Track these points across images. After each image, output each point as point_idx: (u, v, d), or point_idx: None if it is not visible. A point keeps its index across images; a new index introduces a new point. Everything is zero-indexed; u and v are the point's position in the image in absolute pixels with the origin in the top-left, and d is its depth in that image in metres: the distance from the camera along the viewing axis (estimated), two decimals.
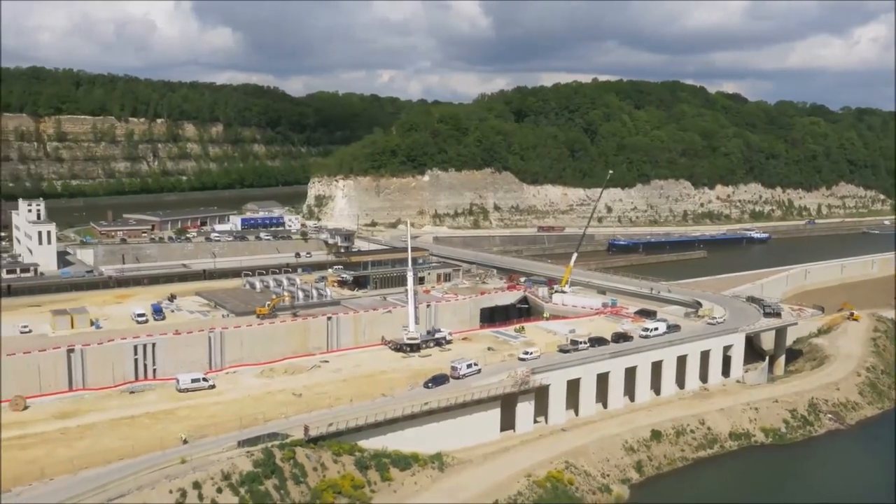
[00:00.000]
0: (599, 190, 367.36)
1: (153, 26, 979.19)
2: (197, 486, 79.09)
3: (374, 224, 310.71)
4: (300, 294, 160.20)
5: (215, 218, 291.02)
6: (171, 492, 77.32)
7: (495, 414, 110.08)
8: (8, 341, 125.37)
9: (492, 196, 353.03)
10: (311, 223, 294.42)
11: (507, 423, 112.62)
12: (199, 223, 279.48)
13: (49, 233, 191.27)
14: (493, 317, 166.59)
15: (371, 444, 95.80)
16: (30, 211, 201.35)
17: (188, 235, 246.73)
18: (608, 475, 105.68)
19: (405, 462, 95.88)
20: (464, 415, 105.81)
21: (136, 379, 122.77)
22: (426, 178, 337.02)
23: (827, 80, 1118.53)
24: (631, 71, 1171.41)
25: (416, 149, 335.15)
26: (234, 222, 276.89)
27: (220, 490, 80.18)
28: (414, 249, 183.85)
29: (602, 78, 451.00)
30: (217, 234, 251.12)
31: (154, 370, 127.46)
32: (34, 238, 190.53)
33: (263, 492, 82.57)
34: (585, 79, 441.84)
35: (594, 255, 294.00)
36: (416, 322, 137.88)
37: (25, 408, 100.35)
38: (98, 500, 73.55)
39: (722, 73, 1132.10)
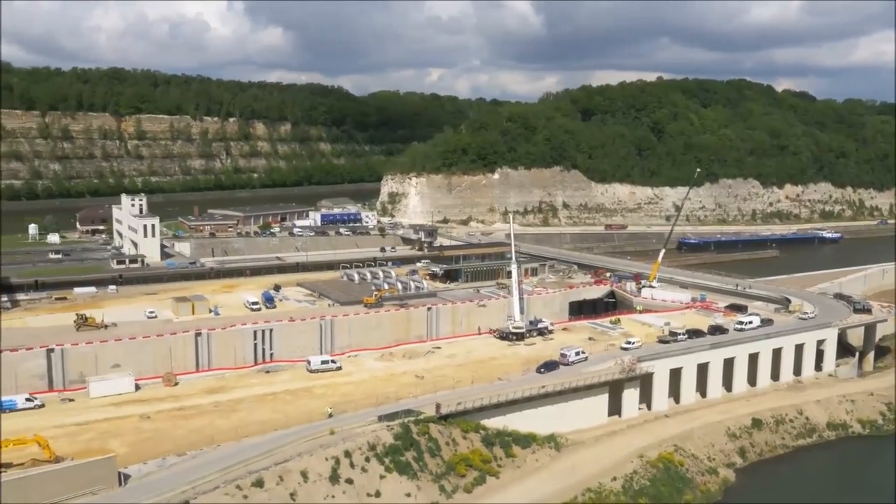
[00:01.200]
0: (668, 188, 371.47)
1: (206, 26, 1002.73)
2: (348, 454, 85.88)
3: (445, 221, 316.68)
4: (399, 286, 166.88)
5: (294, 214, 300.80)
6: (326, 459, 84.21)
7: (603, 399, 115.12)
8: (139, 325, 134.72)
9: (560, 194, 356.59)
10: (385, 219, 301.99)
11: (613, 408, 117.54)
12: (279, 219, 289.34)
13: (153, 226, 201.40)
14: (581, 310, 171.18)
15: (493, 423, 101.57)
16: (133, 205, 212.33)
17: (272, 230, 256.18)
18: (714, 459, 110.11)
19: (525, 441, 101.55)
20: (575, 399, 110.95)
21: (256, 362, 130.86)
22: (496, 176, 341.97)
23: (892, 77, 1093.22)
24: (684, 68, 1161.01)
25: (486, 147, 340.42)
26: (314, 218, 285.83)
27: (367, 459, 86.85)
28: (503, 245, 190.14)
29: (655, 76, 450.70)
30: (300, 230, 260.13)
31: (271, 354, 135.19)
32: (139, 231, 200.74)
33: (405, 462, 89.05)
34: (632, 76, 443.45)
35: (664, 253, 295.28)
36: (522, 312, 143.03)
37: (176, 384, 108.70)
38: (265, 463, 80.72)
39: (781, 71, 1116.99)
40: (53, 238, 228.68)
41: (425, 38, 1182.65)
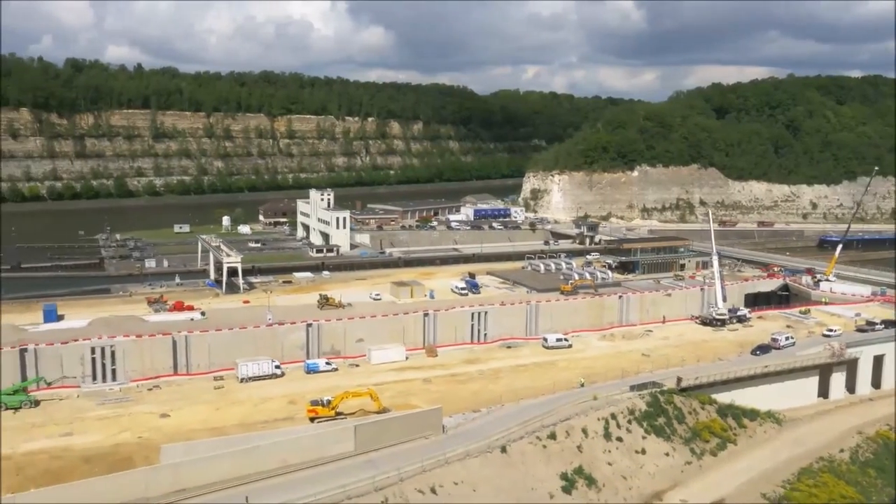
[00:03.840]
0: (805, 186, 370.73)
1: (310, 27, 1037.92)
2: (613, 417, 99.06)
3: (586, 217, 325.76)
4: (587, 276, 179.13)
5: (445, 209, 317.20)
6: (598, 419, 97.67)
7: (813, 381, 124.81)
8: (367, 305, 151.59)
9: (697, 191, 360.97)
10: (529, 215, 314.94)
11: (821, 390, 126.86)
12: (433, 213, 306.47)
13: (344, 219, 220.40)
14: (756, 302, 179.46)
15: (721, 397, 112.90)
16: (322, 199, 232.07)
17: (432, 224, 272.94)
18: None
19: (751, 414, 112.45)
20: (789, 380, 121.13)
21: (472, 341, 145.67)
22: (635, 173, 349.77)
23: None
24: (792, 62, 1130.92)
25: (625, 145, 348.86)
26: (467, 213, 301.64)
27: (629, 422, 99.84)
28: (675, 238, 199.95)
29: (761, 70, 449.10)
30: (456, 224, 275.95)
31: (485, 335, 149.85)
32: (332, 223, 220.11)
33: (659, 426, 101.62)
34: (735, 71, 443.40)
35: (805, 251, 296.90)
36: (724, 300, 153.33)
37: (436, 355, 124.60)
38: (552, 420, 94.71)
39: None
40: (244, 229, 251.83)
41: (524, 35, 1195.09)
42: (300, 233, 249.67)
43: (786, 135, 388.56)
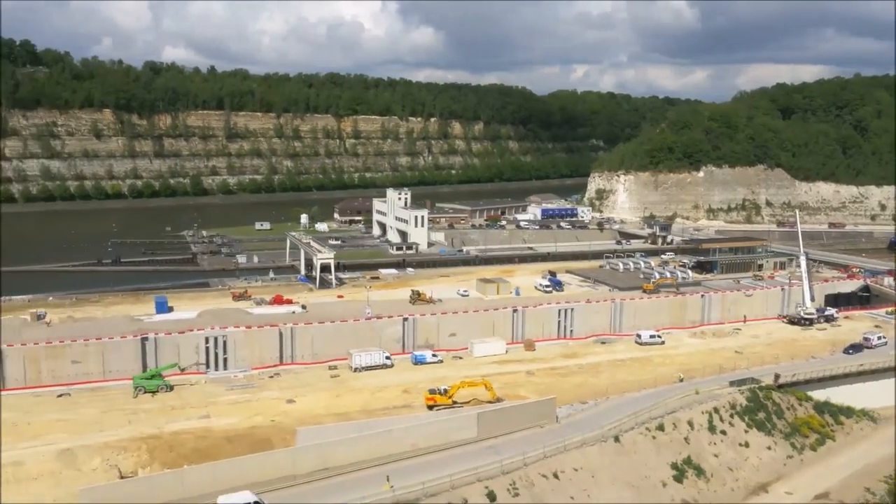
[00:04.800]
0: (873, 187, 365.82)
1: (361, 27, 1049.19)
2: (716, 411, 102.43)
3: (652, 217, 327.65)
4: (660, 275, 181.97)
5: (512, 208, 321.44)
6: (702, 413, 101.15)
7: None
8: (456, 301, 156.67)
9: (763, 192, 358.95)
10: (595, 215, 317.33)
11: None
12: (500, 212, 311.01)
13: (423, 217, 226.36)
14: (836, 302, 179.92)
15: (816, 394, 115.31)
16: (399, 198, 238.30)
17: (501, 223, 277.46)
18: None
19: (848, 412, 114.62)
20: (883, 378, 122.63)
21: (557, 337, 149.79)
22: (701, 173, 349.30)
23: None
24: (848, 60, 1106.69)
25: (691, 146, 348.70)
26: (534, 212, 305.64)
27: (732, 416, 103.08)
28: (753, 238, 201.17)
29: (815, 68, 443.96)
30: (525, 223, 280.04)
31: (571, 331, 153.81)
32: (410, 221, 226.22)
33: (760, 420, 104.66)
34: (788, 70, 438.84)
35: (874, 252, 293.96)
36: (812, 300, 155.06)
37: (534, 349, 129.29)
38: (659, 412, 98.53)
39: None
40: (322, 227, 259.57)
41: (573, 34, 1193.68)
42: (376, 231, 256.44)
43: (854, 135, 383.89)
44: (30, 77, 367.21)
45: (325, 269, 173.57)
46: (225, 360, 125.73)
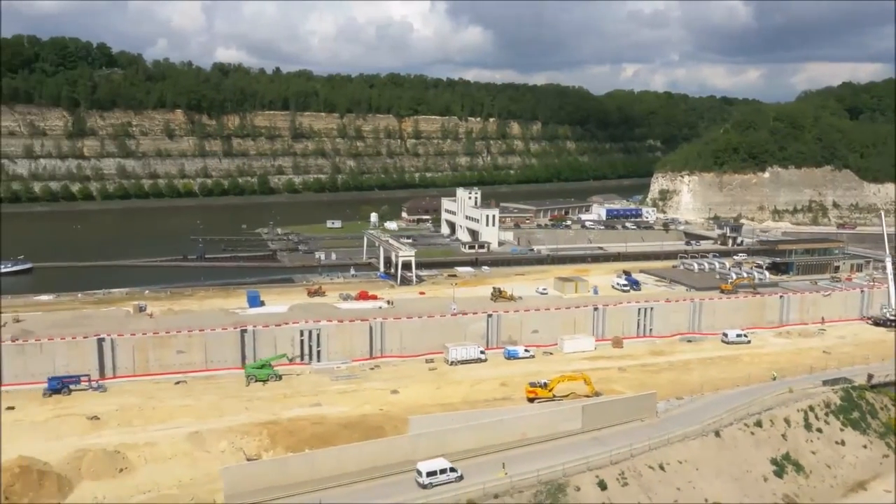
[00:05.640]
0: None
1: (410, 27, 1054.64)
2: (811, 409, 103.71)
3: (716, 218, 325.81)
4: (737, 276, 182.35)
5: (575, 209, 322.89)
6: (798, 411, 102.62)
7: None
8: (536, 299, 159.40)
9: (830, 193, 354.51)
10: (660, 215, 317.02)
11: None
12: (564, 212, 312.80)
13: (494, 216, 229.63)
14: None
15: None
16: (469, 198, 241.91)
17: (566, 223, 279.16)
18: None
19: None
20: None
21: (637, 335, 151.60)
22: (766, 174, 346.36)
23: None
24: None
25: (756, 146, 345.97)
26: (598, 213, 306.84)
27: (826, 414, 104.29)
28: (829, 240, 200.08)
29: (875, 66, 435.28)
30: (591, 223, 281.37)
31: (650, 329, 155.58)
32: (481, 220, 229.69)
33: (855, 420, 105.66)
34: (846, 68, 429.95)
35: None
36: None
37: (622, 346, 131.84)
38: (756, 409, 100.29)
39: None
40: (391, 225, 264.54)
41: (624, 33, 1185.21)
42: (444, 229, 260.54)
43: None
44: (106, 79, 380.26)
45: (405, 266, 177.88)
46: (318, 352, 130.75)
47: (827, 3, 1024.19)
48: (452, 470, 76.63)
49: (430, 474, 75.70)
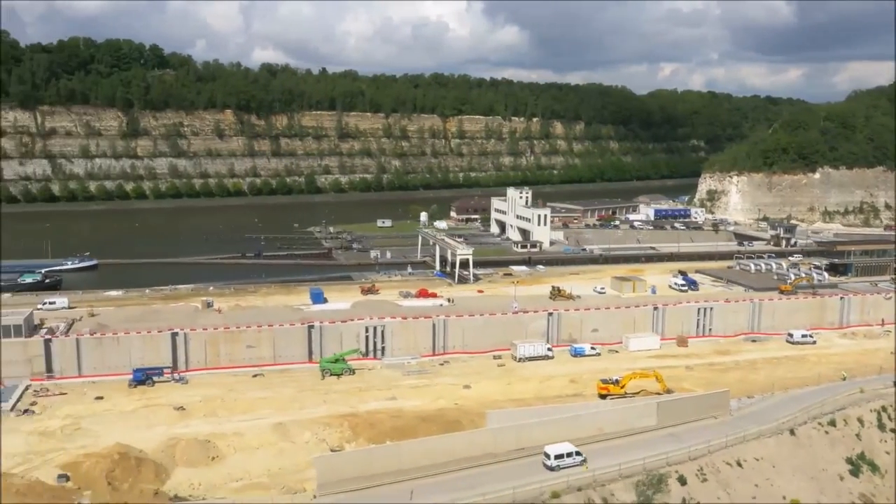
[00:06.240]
0: None
1: (446, 27, 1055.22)
2: (884, 409, 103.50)
3: (764, 219, 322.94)
4: (796, 276, 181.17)
5: (621, 208, 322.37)
6: (871, 410, 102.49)
7: None
8: (594, 298, 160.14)
9: (883, 194, 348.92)
10: (709, 216, 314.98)
11: None
12: (611, 212, 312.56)
13: (545, 216, 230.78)
14: None
15: None
16: (521, 197, 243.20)
17: (615, 223, 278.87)
18: None
19: None
20: None
21: (698, 335, 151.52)
22: (817, 175, 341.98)
23: None
24: None
25: (806, 146, 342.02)
26: (647, 213, 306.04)
27: None
28: (889, 241, 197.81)
29: None
30: (639, 223, 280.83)
31: (709, 329, 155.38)
32: (533, 220, 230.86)
33: None
34: (888, 67, 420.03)
35: None
36: None
37: (686, 345, 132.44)
38: (829, 408, 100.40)
39: None
40: (441, 224, 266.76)
41: (661, 32, 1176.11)
42: (493, 228, 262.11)
43: None
44: (159, 79, 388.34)
45: (462, 264, 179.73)
46: (383, 348, 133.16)
47: (871, 3, 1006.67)
48: (578, 454, 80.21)
49: (557, 457, 79.42)
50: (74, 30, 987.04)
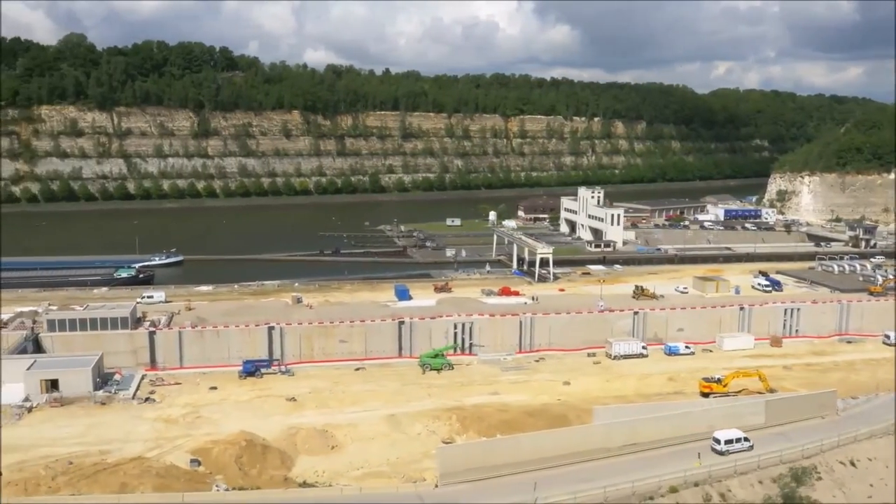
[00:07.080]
0: None
1: (496, 27, 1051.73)
2: None
3: (837, 220, 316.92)
4: (883, 278, 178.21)
5: (689, 209, 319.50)
6: None
7: None
8: (676, 297, 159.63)
9: None
10: (780, 217, 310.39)
11: None
12: (679, 212, 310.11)
13: (619, 216, 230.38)
14: None
15: None
16: (592, 197, 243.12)
17: (685, 223, 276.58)
18: None
19: None
20: None
21: (784, 335, 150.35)
22: (892, 175, 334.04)
23: None
24: None
25: (881, 146, 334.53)
26: (716, 213, 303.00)
27: None
28: None
29: None
30: (709, 224, 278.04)
31: (796, 330, 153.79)
32: (606, 220, 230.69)
33: None
34: None
35: None
36: None
37: (780, 345, 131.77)
38: None
39: None
40: (509, 223, 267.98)
41: (717, 30, 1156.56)
42: (563, 228, 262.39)
43: None
44: (228, 81, 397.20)
45: (542, 263, 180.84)
46: (470, 344, 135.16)
47: None
48: (746, 440, 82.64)
49: (727, 442, 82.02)
50: (136, 31, 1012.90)
